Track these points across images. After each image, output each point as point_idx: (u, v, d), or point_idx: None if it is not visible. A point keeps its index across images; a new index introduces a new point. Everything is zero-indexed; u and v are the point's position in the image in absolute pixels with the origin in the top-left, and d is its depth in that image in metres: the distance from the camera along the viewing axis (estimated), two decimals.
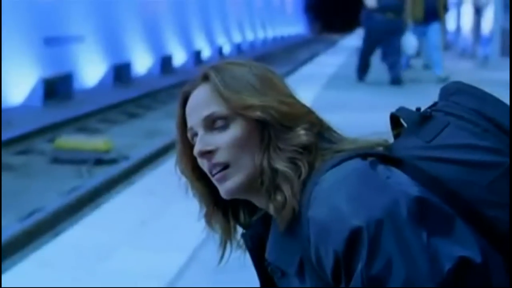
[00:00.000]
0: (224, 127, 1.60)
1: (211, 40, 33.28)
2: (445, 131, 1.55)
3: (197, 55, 29.89)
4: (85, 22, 20.35)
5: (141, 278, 4.57)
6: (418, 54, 17.17)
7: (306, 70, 19.37)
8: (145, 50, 24.48)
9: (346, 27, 47.46)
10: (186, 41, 29.24)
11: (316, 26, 61.55)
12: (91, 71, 20.30)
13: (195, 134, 1.64)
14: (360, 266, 1.40)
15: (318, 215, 1.46)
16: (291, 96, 1.66)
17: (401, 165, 1.55)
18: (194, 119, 1.64)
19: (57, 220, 7.66)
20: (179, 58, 27.74)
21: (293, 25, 57.32)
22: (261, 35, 45.73)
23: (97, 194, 8.67)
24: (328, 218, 1.44)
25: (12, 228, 7.23)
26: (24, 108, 16.02)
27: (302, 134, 1.57)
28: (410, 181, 1.50)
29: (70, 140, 11.30)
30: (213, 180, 1.64)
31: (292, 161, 1.55)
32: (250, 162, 1.58)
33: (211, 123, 1.61)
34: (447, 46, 23.47)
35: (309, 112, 1.63)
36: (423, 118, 1.59)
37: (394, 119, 1.67)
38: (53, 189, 9.17)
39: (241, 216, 1.75)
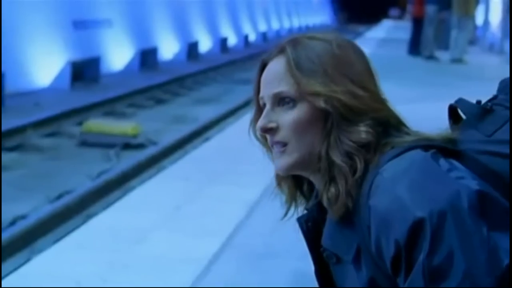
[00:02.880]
0: (291, 107, 1.59)
1: (237, 28, 33.28)
2: (506, 126, 1.53)
3: (223, 42, 29.91)
4: (113, 7, 20.41)
5: (176, 262, 4.59)
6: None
7: None
8: (171, 36, 24.51)
9: (372, 19, 47.28)
10: (213, 28, 29.26)
11: (342, 16, 61.40)
12: (118, 55, 20.35)
13: (264, 105, 1.65)
14: (421, 257, 1.41)
15: (380, 204, 1.46)
16: (365, 86, 1.60)
17: (461, 158, 1.54)
18: (265, 91, 1.63)
19: (87, 203, 7.68)
20: (205, 44, 27.77)
21: (318, 15, 57.20)
22: (286, 24, 45.68)
23: (125, 178, 8.69)
24: (391, 208, 1.44)
25: (42, 210, 7.25)
26: (51, 90, 16.08)
27: (362, 131, 1.55)
28: (471, 174, 1.49)
29: (99, 124, 11.33)
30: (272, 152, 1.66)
31: (349, 156, 1.54)
32: (309, 146, 1.58)
33: (279, 100, 1.60)
34: (474, 41, 23.35)
35: (378, 108, 1.59)
36: (483, 111, 1.57)
37: (452, 110, 1.65)
38: (81, 172, 9.20)
39: (304, 187, 1.74)
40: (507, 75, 1.63)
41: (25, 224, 6.71)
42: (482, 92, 1.84)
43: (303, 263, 4.61)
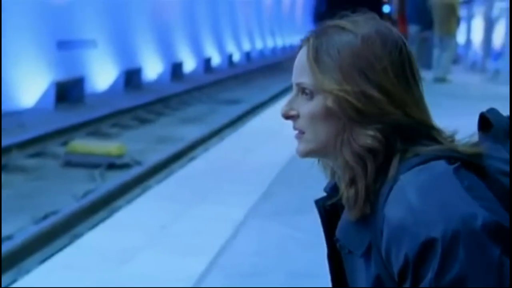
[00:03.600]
0: (309, 98, 1.58)
1: (221, 48, 33.37)
2: None
3: (207, 62, 29.99)
4: (98, 27, 20.44)
5: (163, 282, 4.62)
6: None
7: None
8: (156, 56, 24.56)
9: None
10: (197, 48, 29.33)
11: None
12: (102, 75, 20.37)
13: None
14: (430, 276, 1.40)
15: (394, 214, 1.45)
16: (383, 86, 1.54)
17: (484, 174, 1.52)
18: (293, 79, 1.63)
19: (73, 223, 7.70)
20: (189, 64, 27.83)
21: (302, 34, 57.15)
22: (270, 43, 45.82)
23: (111, 198, 8.71)
24: (405, 220, 1.43)
25: (28, 230, 7.26)
26: (36, 110, 16.07)
27: (368, 136, 1.52)
28: (490, 195, 1.48)
29: (83, 144, 11.35)
30: None
31: (361, 158, 1.53)
32: (324, 139, 1.57)
33: (301, 89, 1.60)
34: (457, 60, 23.52)
35: (391, 112, 1.53)
36: None
37: (483, 118, 1.61)
38: (66, 192, 9.22)
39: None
40: (491, 93, 1.67)
41: (11, 244, 6.72)
42: (467, 110, 1.87)
43: (289, 282, 4.66)
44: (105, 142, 12.05)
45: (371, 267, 1.52)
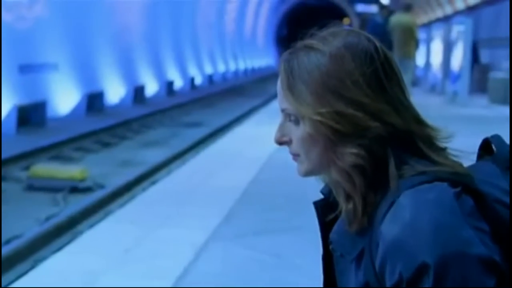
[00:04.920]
0: (296, 122, 1.57)
1: (183, 71, 33.46)
2: None
3: (169, 85, 30.07)
4: (59, 51, 20.43)
5: None
6: None
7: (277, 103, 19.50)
8: (118, 79, 24.58)
9: None
10: (159, 71, 29.40)
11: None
12: (64, 99, 20.35)
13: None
14: None
15: (392, 231, 1.44)
16: (358, 101, 1.52)
17: (481, 200, 1.50)
18: (279, 103, 1.63)
19: (36, 247, 7.71)
20: (151, 88, 27.87)
21: (264, 57, 57.69)
22: (232, 67, 46.00)
23: (74, 222, 8.74)
24: (402, 240, 1.43)
25: None
26: None
27: (351, 154, 1.52)
28: (486, 227, 1.47)
29: (45, 168, 11.35)
30: None
31: (348, 175, 1.53)
32: (317, 160, 1.58)
33: (287, 115, 1.60)
34: (416, 82, 23.79)
35: (369, 126, 1.51)
36: None
37: (486, 143, 1.63)
38: (29, 216, 9.21)
39: None
40: (450, 114, 1.67)
41: None
42: None
43: None
44: (67, 166, 12.06)
45: (361, 273, 1.53)
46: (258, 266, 5.35)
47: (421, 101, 18.23)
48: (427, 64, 24.88)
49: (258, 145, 10.59)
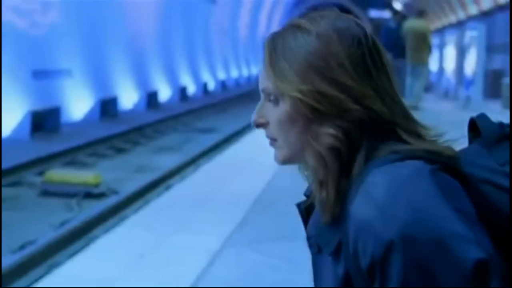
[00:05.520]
0: (275, 104, 1.54)
1: (196, 77, 33.50)
2: None
3: (182, 91, 30.10)
4: (73, 57, 20.51)
5: None
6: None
7: None
8: (131, 85, 24.64)
9: None
10: (172, 77, 29.45)
11: None
12: (78, 105, 20.42)
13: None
14: (394, 278, 1.36)
15: (360, 211, 1.40)
16: (341, 83, 1.48)
17: (464, 181, 1.46)
18: (260, 84, 1.60)
19: (50, 252, 7.74)
20: (164, 93, 27.92)
21: None
22: (245, 72, 46.04)
23: (88, 227, 8.76)
24: (370, 219, 1.38)
25: (5, 260, 7.28)
26: (12, 140, 16.09)
27: (328, 134, 1.48)
28: (468, 202, 1.42)
29: (60, 173, 11.40)
30: None
31: (322, 158, 1.49)
32: (295, 141, 1.53)
33: (267, 95, 1.56)
34: (430, 87, 23.76)
35: (351, 108, 1.47)
36: (502, 136, 1.51)
37: (473, 123, 1.58)
38: (43, 222, 9.25)
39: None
40: (463, 120, 1.61)
41: None
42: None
43: None
44: (81, 172, 12.10)
45: (340, 266, 1.48)
46: (272, 271, 5.37)
47: (434, 107, 18.23)
48: (440, 70, 24.85)
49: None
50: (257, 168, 9.76)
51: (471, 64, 19.39)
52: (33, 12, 18.51)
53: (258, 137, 1.66)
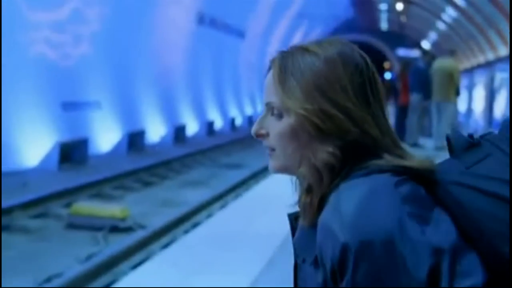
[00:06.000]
0: (278, 118, 1.64)
1: (223, 112, 33.59)
2: (485, 161, 1.56)
3: (209, 126, 30.15)
4: (102, 89, 20.64)
5: None
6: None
7: None
8: (159, 118, 24.72)
9: None
10: (199, 111, 29.53)
11: None
12: (106, 137, 20.50)
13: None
14: (350, 280, 1.44)
15: (323, 218, 1.50)
16: (343, 105, 1.59)
17: (436, 187, 1.57)
18: (263, 98, 1.70)
19: (76, 286, 7.71)
20: (192, 128, 27.98)
21: None
22: None
23: (115, 262, 8.73)
24: (330, 224, 1.47)
25: None
26: (39, 171, 16.17)
27: (326, 152, 1.58)
28: (431, 208, 1.49)
29: (87, 206, 11.40)
30: None
31: (318, 171, 1.58)
32: (292, 156, 1.63)
33: (271, 109, 1.66)
34: (458, 128, 23.66)
35: (349, 130, 1.58)
36: (470, 144, 1.60)
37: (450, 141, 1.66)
38: (69, 255, 9.24)
39: None
40: None
41: None
42: None
43: None
44: (108, 205, 12.09)
45: (319, 274, 1.55)
46: None
47: None
48: (469, 110, 24.78)
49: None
50: (284, 206, 9.69)
51: (500, 105, 19.31)
52: (65, 44, 18.67)
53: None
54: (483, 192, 1.53)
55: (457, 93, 17.89)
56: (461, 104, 23.81)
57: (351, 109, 1.59)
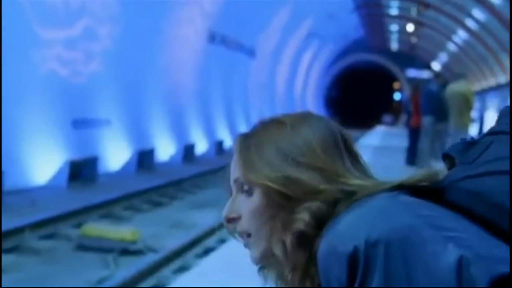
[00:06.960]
0: (249, 195, 1.54)
1: (233, 131, 33.51)
2: (488, 150, 1.49)
3: (219, 145, 30.06)
4: (112, 107, 20.58)
5: None
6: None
7: None
8: (168, 137, 24.64)
9: (366, 124, 47.67)
10: (209, 130, 29.47)
11: (336, 121, 61.98)
12: (115, 155, 20.41)
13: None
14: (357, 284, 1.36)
15: (322, 245, 1.41)
16: (313, 166, 1.49)
17: (444, 193, 1.48)
18: (231, 177, 1.61)
19: None
20: (201, 147, 27.89)
21: None
22: None
23: (125, 286, 8.58)
24: (330, 245, 1.39)
25: None
26: (49, 189, 16.06)
27: (298, 219, 1.46)
28: (435, 209, 1.42)
29: (97, 228, 11.26)
30: None
31: (285, 247, 1.48)
32: (268, 232, 1.51)
33: (240, 186, 1.56)
34: None
35: (320, 190, 1.47)
36: (467, 145, 1.55)
37: (447, 158, 1.60)
38: (79, 277, 9.12)
39: None
40: None
41: None
42: None
43: None
44: (118, 227, 11.95)
45: None
46: None
47: None
48: (481, 133, 24.68)
49: None
50: None
51: None
52: (76, 61, 18.62)
53: None
54: (498, 172, 1.44)
55: (471, 116, 17.84)
56: (473, 128, 23.71)
57: (320, 167, 1.49)
